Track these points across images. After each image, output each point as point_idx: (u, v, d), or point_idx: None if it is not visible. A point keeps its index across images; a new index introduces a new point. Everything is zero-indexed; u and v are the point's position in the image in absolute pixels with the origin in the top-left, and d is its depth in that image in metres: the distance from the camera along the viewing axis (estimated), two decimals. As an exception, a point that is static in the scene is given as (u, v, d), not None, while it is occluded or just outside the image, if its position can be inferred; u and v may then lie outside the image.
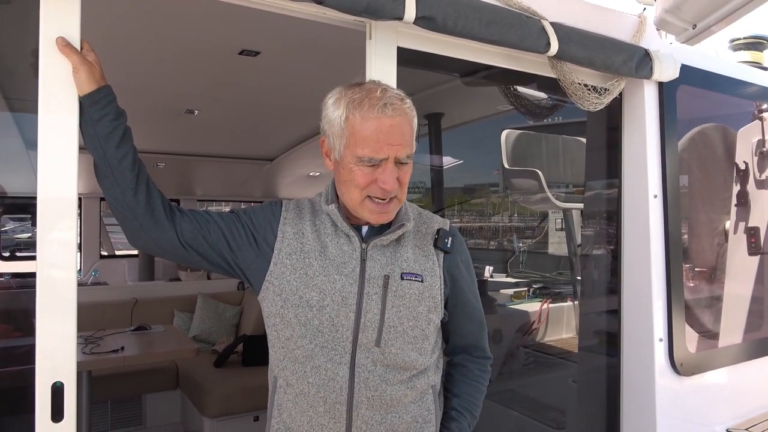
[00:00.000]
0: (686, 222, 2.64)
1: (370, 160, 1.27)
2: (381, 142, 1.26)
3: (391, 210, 1.35)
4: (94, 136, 1.32)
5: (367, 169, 1.28)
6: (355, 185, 1.30)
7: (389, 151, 1.27)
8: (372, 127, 1.26)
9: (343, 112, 1.30)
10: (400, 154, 1.28)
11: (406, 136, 1.30)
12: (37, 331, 1.32)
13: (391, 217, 1.37)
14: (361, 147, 1.27)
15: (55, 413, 1.32)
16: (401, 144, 1.28)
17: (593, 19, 2.20)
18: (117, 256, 6.84)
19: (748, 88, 2.85)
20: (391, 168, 1.28)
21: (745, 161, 2.90)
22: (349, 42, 1.86)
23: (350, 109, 1.29)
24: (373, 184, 1.29)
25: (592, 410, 2.66)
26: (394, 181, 1.28)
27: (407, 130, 1.31)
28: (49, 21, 1.33)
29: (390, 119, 1.27)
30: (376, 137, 1.26)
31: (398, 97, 1.32)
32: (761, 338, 2.90)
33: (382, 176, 1.28)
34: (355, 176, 1.29)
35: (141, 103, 3.61)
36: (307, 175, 6.03)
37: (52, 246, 1.36)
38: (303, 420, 1.33)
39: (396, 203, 1.35)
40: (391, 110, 1.27)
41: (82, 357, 3.19)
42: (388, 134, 1.26)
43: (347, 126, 1.29)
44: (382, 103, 1.27)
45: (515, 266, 4.24)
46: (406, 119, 1.31)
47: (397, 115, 1.28)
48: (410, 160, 1.33)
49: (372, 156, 1.27)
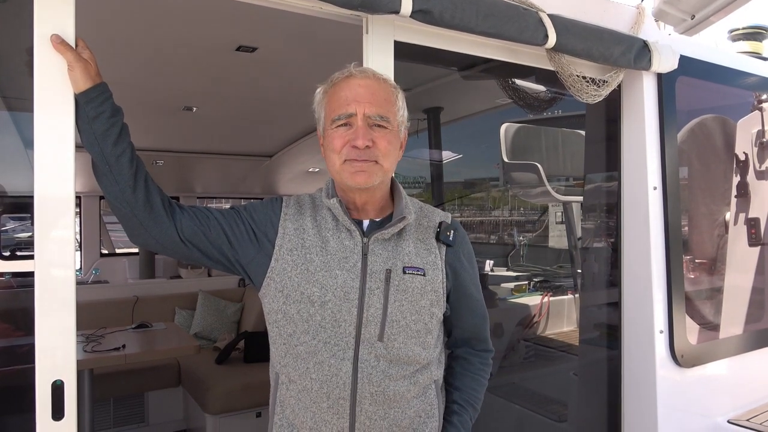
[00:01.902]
0: (686, 214, 2.63)
1: (339, 118, 1.33)
2: (349, 100, 1.33)
3: (370, 171, 1.33)
4: (90, 134, 1.31)
5: (341, 130, 1.33)
6: (332, 149, 1.34)
7: (357, 107, 1.32)
8: (343, 89, 1.35)
9: (320, 91, 1.41)
10: (369, 111, 1.32)
11: (376, 97, 1.35)
12: (36, 329, 1.33)
13: (371, 181, 1.35)
14: (333, 109, 1.35)
15: (55, 411, 1.32)
16: (370, 102, 1.33)
17: (591, 10, 2.19)
18: (117, 254, 6.85)
19: (747, 78, 2.84)
20: (361, 125, 1.32)
21: (744, 152, 2.90)
22: (346, 36, 1.85)
23: (327, 85, 1.40)
24: (347, 146, 1.32)
25: (593, 402, 2.66)
26: (365, 138, 1.31)
27: (379, 93, 1.36)
28: (43, 18, 1.33)
29: (358, 80, 1.36)
30: (345, 96, 1.34)
31: (373, 71, 1.41)
32: (762, 329, 2.90)
33: (353, 134, 1.32)
34: (332, 140, 1.34)
35: (138, 100, 3.61)
36: (307, 171, 6.03)
37: (50, 245, 1.36)
38: (306, 416, 1.33)
39: (377, 168, 1.34)
40: (360, 75, 1.37)
41: (83, 355, 3.20)
42: (356, 93, 1.34)
43: (324, 98, 1.39)
44: (350, 71, 1.37)
45: (516, 260, 4.24)
46: (379, 84, 1.38)
47: (367, 78, 1.37)
48: (388, 124, 1.35)
49: (341, 112, 1.33)
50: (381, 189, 1.41)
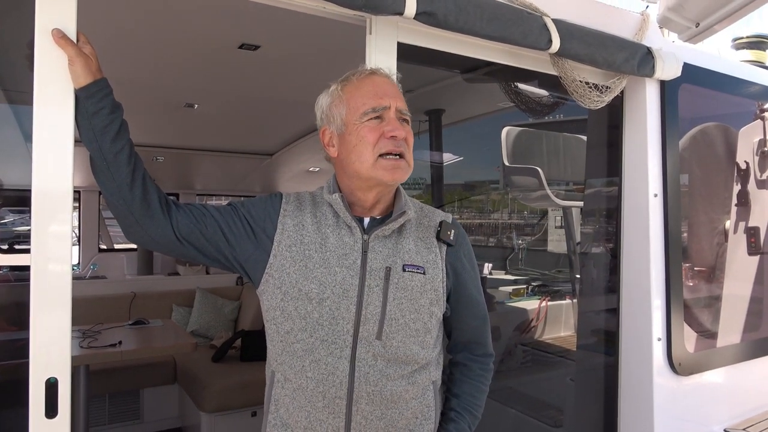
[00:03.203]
0: (686, 221, 2.63)
1: (374, 110, 1.33)
2: (380, 94, 1.35)
3: (403, 168, 1.35)
4: (89, 130, 1.30)
5: (373, 122, 1.33)
6: (366, 143, 1.32)
7: (390, 101, 1.35)
8: (368, 84, 1.37)
9: (337, 89, 1.40)
10: (400, 105, 1.36)
11: (400, 94, 1.40)
12: (31, 325, 1.31)
13: (404, 178, 1.37)
14: (363, 102, 1.34)
15: (49, 409, 1.31)
16: (398, 97, 1.38)
17: (595, 16, 2.19)
18: (116, 249, 6.84)
19: (750, 87, 2.84)
20: (395, 117, 1.34)
21: (746, 161, 2.89)
22: (349, 37, 1.84)
23: (342, 84, 1.40)
24: (382, 139, 1.32)
25: (590, 409, 2.65)
26: (401, 128, 1.33)
27: (399, 91, 1.42)
28: (44, 12, 1.32)
29: (382, 77, 1.40)
30: (374, 90, 1.36)
31: (386, 71, 1.45)
32: (760, 338, 2.90)
33: (389, 126, 1.33)
34: (364, 134, 1.33)
35: (140, 96, 3.60)
36: (307, 171, 6.01)
37: (47, 239, 1.35)
38: (301, 415, 1.32)
39: (406, 165, 1.36)
40: (381, 73, 1.42)
41: (79, 351, 3.19)
42: (385, 88, 1.37)
43: (344, 94, 1.38)
44: (372, 69, 1.42)
45: (514, 263, 4.24)
46: (396, 84, 1.43)
47: (388, 77, 1.42)
48: (410, 119, 1.40)
49: (375, 105, 1.34)
50: (394, 186, 1.42)
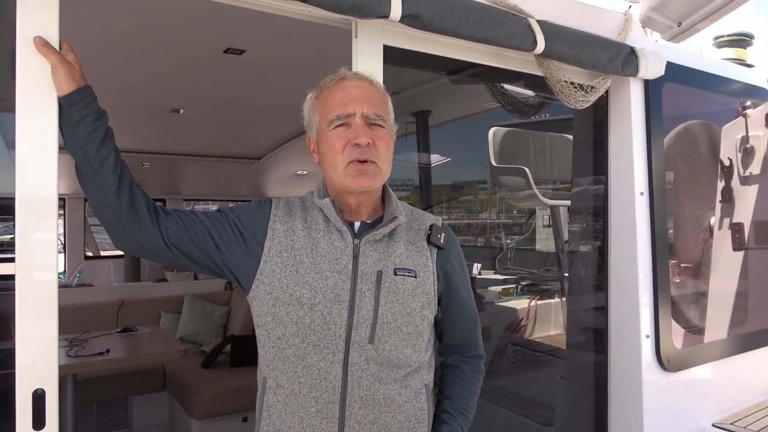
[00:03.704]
0: (672, 218, 2.66)
1: (338, 118, 1.34)
2: (346, 100, 1.35)
3: (373, 174, 1.34)
4: (74, 138, 1.29)
5: (340, 130, 1.34)
6: (334, 152, 1.34)
7: (355, 107, 1.34)
8: (338, 91, 1.37)
9: (311, 97, 1.42)
10: (367, 110, 1.34)
11: (372, 97, 1.38)
12: (16, 335, 1.29)
13: (373, 184, 1.36)
14: (329, 111, 1.36)
15: (36, 421, 1.29)
16: (366, 102, 1.35)
17: (579, 16, 2.21)
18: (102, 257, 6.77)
19: (732, 85, 2.88)
20: (360, 124, 1.33)
21: (729, 158, 2.93)
22: (335, 40, 1.84)
23: (316, 92, 1.41)
24: (348, 146, 1.32)
25: (580, 406, 2.67)
26: (366, 135, 1.32)
27: (373, 93, 1.39)
28: (26, 20, 1.30)
29: (352, 82, 1.39)
30: (342, 97, 1.36)
31: (362, 74, 1.43)
32: (745, 333, 2.94)
33: (354, 134, 1.32)
34: (332, 142, 1.34)
35: (124, 102, 3.57)
36: (295, 174, 6.01)
37: (31, 247, 1.33)
38: (293, 421, 1.31)
39: (376, 170, 1.34)
40: (353, 77, 1.40)
41: (67, 360, 3.15)
42: (352, 93, 1.36)
43: (317, 102, 1.40)
44: (343, 74, 1.41)
45: (503, 263, 4.25)
46: (371, 86, 1.41)
47: (360, 80, 1.40)
48: (384, 123, 1.38)
49: (340, 113, 1.34)
50: (376, 191, 1.42)
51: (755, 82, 2.99)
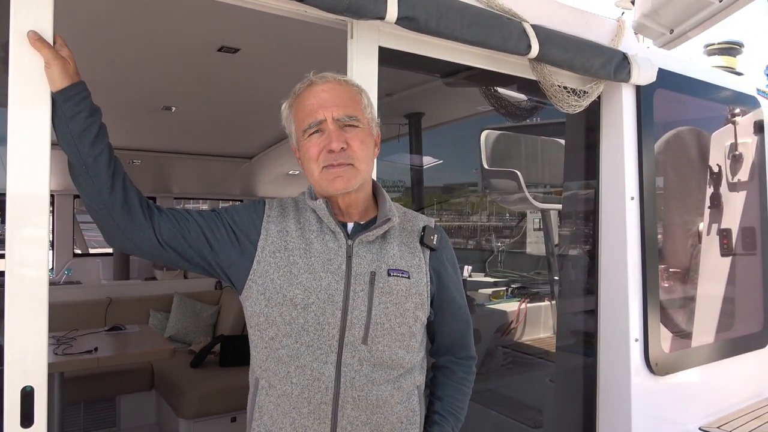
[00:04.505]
0: (661, 223, 2.68)
1: (310, 126, 1.34)
2: (315, 107, 1.35)
3: (348, 176, 1.34)
4: (67, 134, 1.28)
5: (314, 138, 1.34)
6: (310, 159, 1.35)
7: (324, 113, 1.34)
8: (308, 98, 1.37)
9: (286, 107, 1.43)
10: (337, 114, 1.34)
11: (341, 98, 1.37)
12: (5, 333, 1.28)
13: (350, 185, 1.35)
14: (301, 119, 1.37)
15: (24, 419, 1.28)
16: (336, 105, 1.35)
17: (573, 22, 2.22)
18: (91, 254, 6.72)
19: (722, 92, 2.91)
20: (332, 129, 1.33)
21: (718, 164, 2.97)
22: (330, 41, 1.84)
23: (292, 98, 1.42)
24: (323, 152, 1.33)
25: (569, 409, 2.69)
26: (338, 140, 1.32)
27: (342, 94, 1.38)
28: (20, 14, 1.29)
29: (320, 86, 1.37)
30: (311, 104, 1.35)
31: (333, 75, 1.42)
32: (732, 338, 2.97)
33: (326, 140, 1.33)
34: (307, 150, 1.35)
35: (117, 98, 3.55)
36: (287, 174, 5.99)
37: (22, 244, 1.32)
38: (285, 422, 1.31)
39: (353, 171, 1.34)
40: (321, 81, 1.38)
41: (54, 358, 3.12)
42: (321, 99, 1.35)
43: (291, 111, 1.41)
44: (311, 80, 1.39)
45: (494, 266, 4.27)
46: (342, 86, 1.39)
47: (328, 82, 1.38)
48: (358, 123, 1.37)
49: (311, 121, 1.34)
50: (363, 191, 1.41)
51: (744, 90, 3.03)
